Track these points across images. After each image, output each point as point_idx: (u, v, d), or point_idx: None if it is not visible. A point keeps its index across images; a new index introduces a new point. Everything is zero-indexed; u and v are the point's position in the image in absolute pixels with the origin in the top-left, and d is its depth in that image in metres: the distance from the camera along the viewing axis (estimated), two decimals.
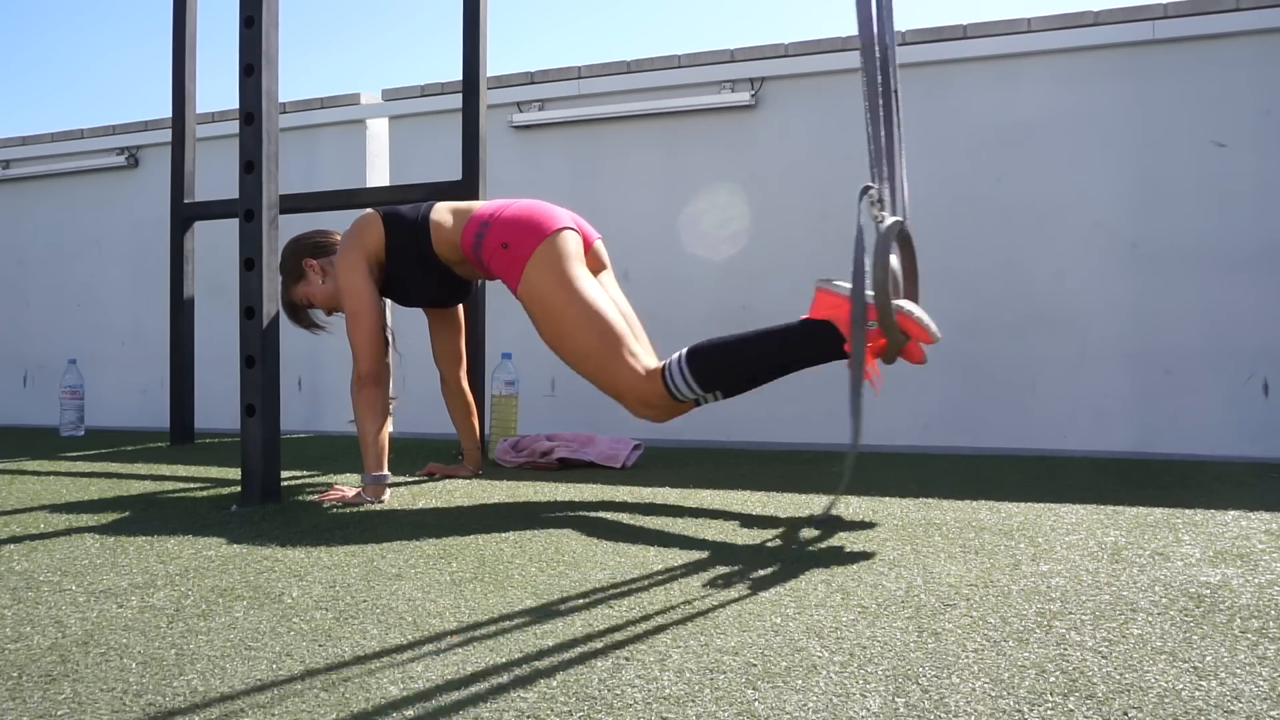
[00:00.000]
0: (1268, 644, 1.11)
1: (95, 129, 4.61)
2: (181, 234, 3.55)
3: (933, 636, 1.16)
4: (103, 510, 2.12)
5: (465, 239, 2.25)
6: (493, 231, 2.21)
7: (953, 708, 0.95)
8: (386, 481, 2.19)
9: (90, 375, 4.31)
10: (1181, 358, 3.01)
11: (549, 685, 1.02)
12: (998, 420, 3.19)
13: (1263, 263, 2.93)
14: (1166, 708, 0.94)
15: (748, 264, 3.46)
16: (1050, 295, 3.13)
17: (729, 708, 0.96)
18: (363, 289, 2.23)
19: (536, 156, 3.78)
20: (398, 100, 4.02)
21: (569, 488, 2.32)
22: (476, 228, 2.23)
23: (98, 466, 2.89)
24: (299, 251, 2.39)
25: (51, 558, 1.65)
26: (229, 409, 3.91)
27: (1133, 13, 3.06)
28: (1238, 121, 2.96)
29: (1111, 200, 3.08)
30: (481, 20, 3.07)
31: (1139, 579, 1.39)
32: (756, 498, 2.14)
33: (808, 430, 3.35)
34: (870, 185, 1.80)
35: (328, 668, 1.09)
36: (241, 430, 2.15)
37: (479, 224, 2.24)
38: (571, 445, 2.77)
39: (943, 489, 2.22)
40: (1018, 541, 1.65)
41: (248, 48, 2.18)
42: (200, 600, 1.38)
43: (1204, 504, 1.95)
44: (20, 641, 1.21)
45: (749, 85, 3.47)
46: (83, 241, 4.65)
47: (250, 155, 2.18)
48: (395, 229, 2.28)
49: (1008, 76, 3.19)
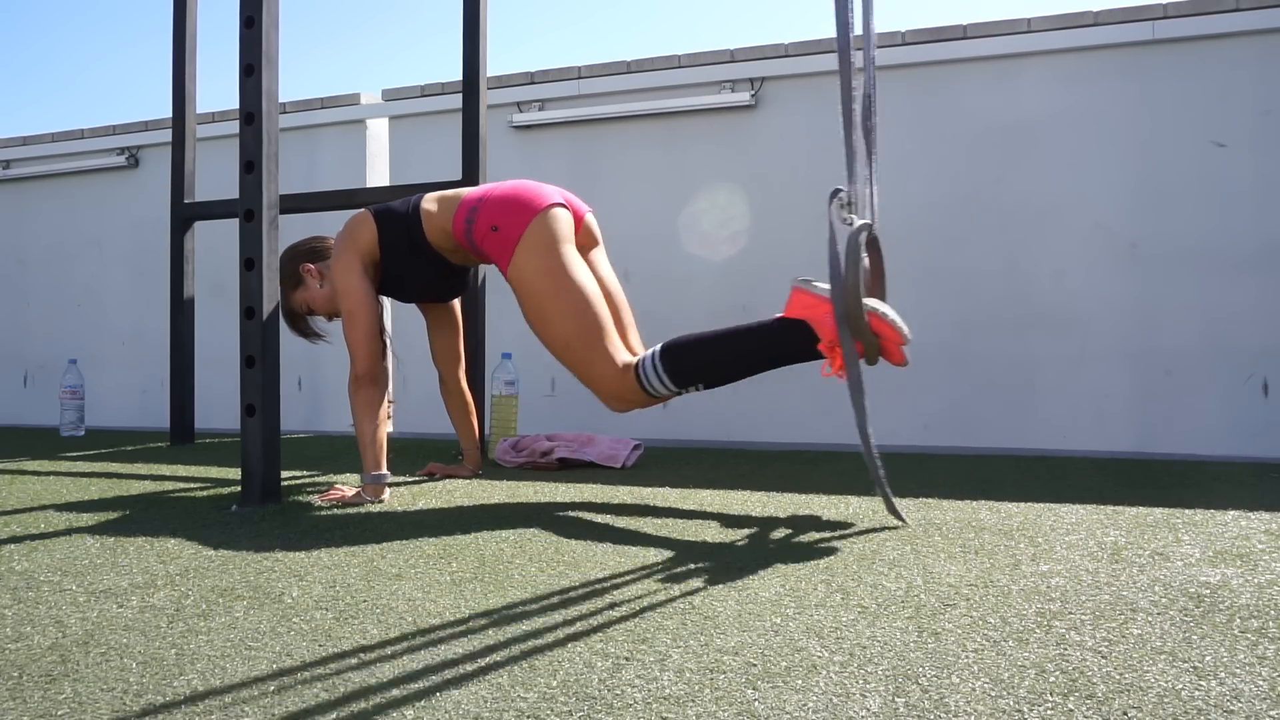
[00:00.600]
0: (1267, 644, 1.11)
1: (95, 129, 4.61)
2: (181, 234, 3.55)
3: (933, 636, 1.16)
4: (103, 510, 2.12)
5: (457, 225, 2.25)
6: (482, 214, 2.21)
7: (953, 708, 0.95)
8: (386, 481, 2.19)
9: (90, 375, 4.32)
10: (1181, 358, 3.01)
11: (549, 685, 1.02)
12: (998, 420, 3.19)
13: (1263, 263, 2.93)
14: (1166, 708, 0.94)
15: (747, 264, 3.46)
16: (1050, 295, 3.13)
17: (729, 708, 0.96)
18: (358, 289, 2.23)
19: (536, 156, 3.78)
20: (398, 100, 4.02)
21: (569, 488, 2.32)
22: (466, 212, 2.24)
23: (98, 466, 2.89)
24: (295, 258, 2.39)
25: (51, 558, 1.65)
26: (229, 409, 3.92)
27: (1133, 13, 3.06)
28: (1238, 121, 2.96)
29: (1111, 200, 3.08)
30: (481, 20, 3.07)
31: (1139, 579, 1.39)
32: (756, 498, 2.14)
33: (808, 430, 3.35)
34: (840, 189, 1.81)
35: (328, 668, 1.09)
36: (241, 430, 2.15)
37: (469, 208, 2.24)
38: (571, 445, 2.77)
39: (943, 489, 2.22)
40: (1018, 541, 1.65)
41: (248, 48, 2.18)
42: (200, 600, 1.38)
43: (1204, 504, 1.95)
44: (20, 641, 1.21)
45: (749, 85, 3.47)
46: (83, 241, 4.65)
47: (250, 155, 2.18)
48: (387, 224, 2.28)
49: (1008, 76, 3.19)
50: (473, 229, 2.22)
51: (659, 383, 2.07)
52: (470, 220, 2.22)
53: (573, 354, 2.14)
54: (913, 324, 3.43)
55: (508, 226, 2.18)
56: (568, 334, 2.13)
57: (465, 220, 2.23)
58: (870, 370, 1.87)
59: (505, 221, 2.18)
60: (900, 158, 3.29)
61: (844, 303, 1.79)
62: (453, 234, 2.26)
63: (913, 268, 3.25)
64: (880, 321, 1.85)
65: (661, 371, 2.06)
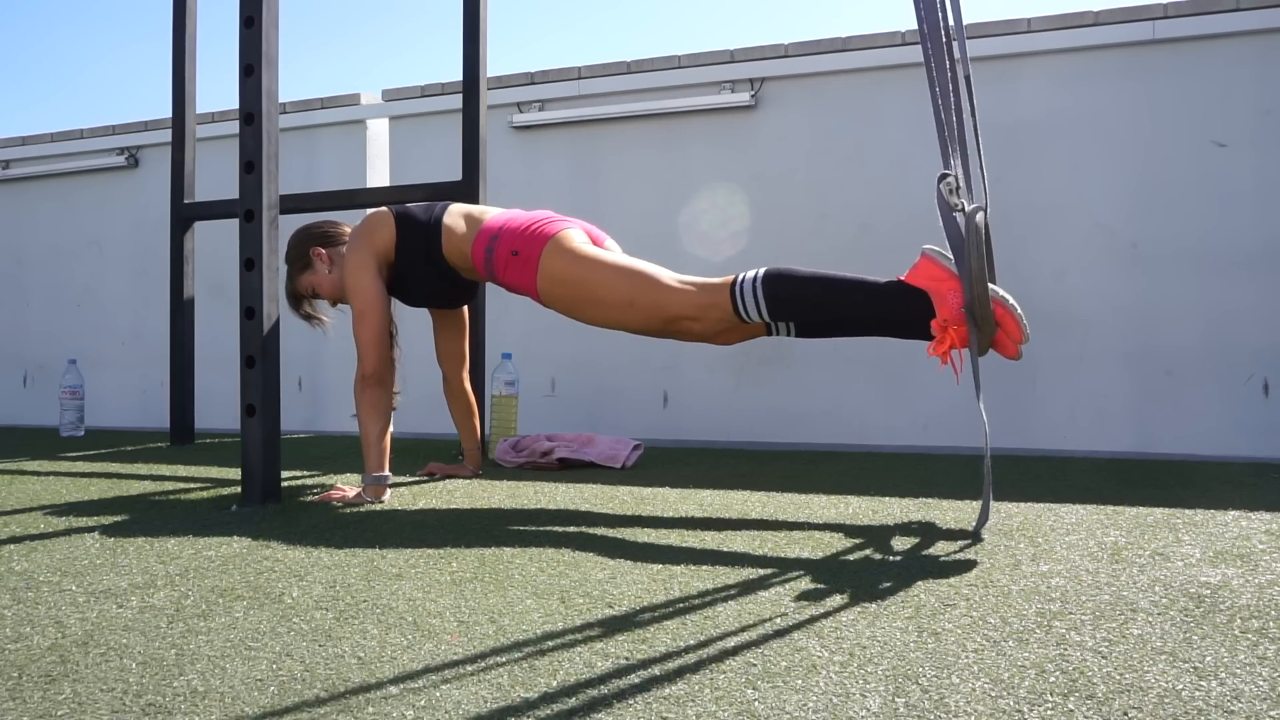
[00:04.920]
0: (1268, 644, 1.11)
1: (95, 129, 4.61)
2: (181, 234, 3.55)
3: (933, 636, 1.16)
4: (103, 510, 2.12)
5: (477, 253, 2.23)
6: (502, 243, 2.19)
7: (953, 708, 0.95)
8: (387, 481, 2.19)
9: (90, 375, 4.32)
10: (1181, 358, 3.01)
11: (549, 685, 1.02)
12: (998, 420, 3.18)
13: (1263, 263, 2.93)
14: (1166, 708, 0.94)
15: (747, 264, 3.44)
16: (1050, 295, 3.13)
17: (729, 708, 0.96)
18: (370, 288, 2.22)
19: (536, 157, 3.78)
20: (398, 100, 4.02)
21: (569, 488, 2.32)
22: (487, 241, 2.21)
23: (98, 466, 2.89)
24: (307, 240, 2.38)
25: (51, 558, 1.65)
26: (229, 409, 3.92)
27: (1133, 13, 3.06)
28: (1238, 121, 2.96)
29: (1111, 200, 3.08)
30: (482, 21, 3.07)
31: (1139, 579, 1.39)
32: (756, 498, 2.14)
33: (808, 430, 3.35)
34: (947, 172, 1.71)
35: (328, 668, 1.09)
36: (241, 430, 2.15)
37: (489, 238, 2.21)
38: (571, 445, 2.77)
39: (943, 489, 2.22)
40: (1018, 541, 1.65)
41: (248, 48, 2.18)
42: (200, 600, 1.38)
43: (1204, 504, 1.95)
44: (20, 641, 1.21)
45: (749, 85, 3.47)
46: (83, 241, 4.65)
47: (250, 155, 2.18)
48: (407, 229, 2.27)
49: (1008, 76, 3.19)
50: (493, 258, 2.20)
51: (754, 304, 1.94)
52: (491, 250, 2.20)
53: (640, 308, 2.03)
54: None
55: (528, 248, 2.16)
56: (626, 293, 2.03)
57: (486, 250, 2.21)
58: (871, 369, 1.87)
59: (525, 245, 2.16)
60: (900, 157, 3.29)
61: (971, 288, 1.70)
62: (472, 259, 2.25)
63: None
64: (1005, 311, 1.75)
65: (760, 293, 1.93)
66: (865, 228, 3.31)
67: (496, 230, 2.22)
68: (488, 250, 2.21)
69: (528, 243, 2.16)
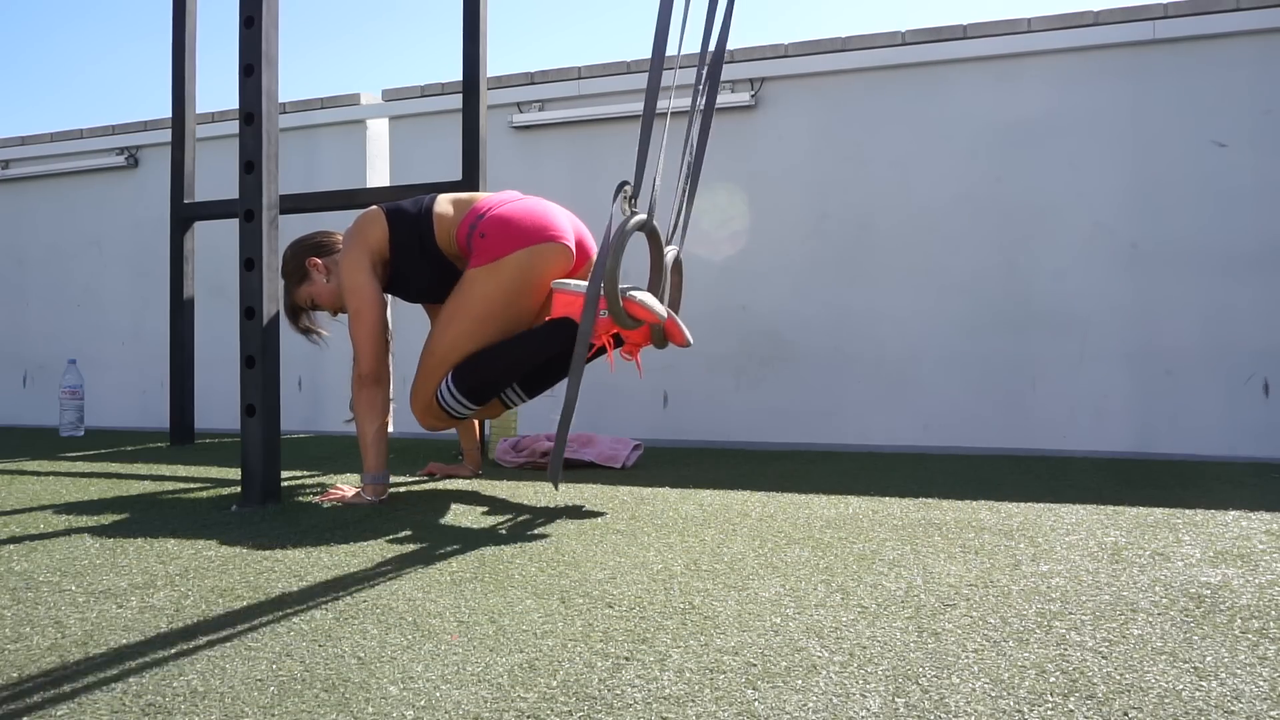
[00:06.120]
0: (1268, 644, 1.11)
1: (95, 129, 4.61)
2: (181, 234, 3.55)
3: (933, 636, 1.16)
4: (103, 510, 2.12)
5: (460, 231, 2.25)
6: (485, 223, 2.22)
7: (953, 708, 0.95)
8: (386, 481, 2.19)
9: (90, 375, 4.32)
10: (1181, 358, 3.01)
11: (549, 685, 1.02)
12: (998, 420, 3.19)
13: (1263, 263, 2.93)
14: (1166, 708, 0.94)
15: (747, 264, 3.46)
16: (1050, 295, 3.13)
17: (729, 708, 0.96)
18: (366, 287, 2.22)
19: (536, 157, 3.78)
20: (398, 100, 4.01)
21: (569, 488, 2.32)
22: (473, 219, 2.25)
23: (98, 466, 2.89)
24: (302, 252, 2.39)
25: (51, 558, 1.65)
26: (229, 409, 3.92)
27: (1133, 13, 3.06)
28: (1238, 121, 2.96)
29: (1111, 200, 3.08)
30: (482, 21, 3.07)
31: (1139, 579, 1.39)
32: (756, 498, 2.14)
33: (808, 430, 3.35)
34: (625, 181, 1.88)
35: (328, 668, 1.09)
36: (241, 430, 2.15)
37: (475, 217, 2.25)
38: (571, 445, 2.77)
39: (943, 489, 2.22)
40: (1018, 541, 1.65)
41: (248, 48, 2.18)
42: (200, 600, 1.38)
43: (1204, 504, 1.95)
44: (20, 641, 1.21)
45: (749, 85, 3.47)
46: (82, 241, 4.65)
47: (250, 155, 2.18)
48: (398, 224, 2.28)
49: (1008, 76, 3.19)
50: (472, 235, 2.23)
51: (456, 403, 2.22)
52: (474, 228, 2.23)
53: (432, 361, 2.23)
54: (913, 324, 3.44)
55: (495, 242, 2.20)
56: (446, 348, 2.22)
57: (469, 228, 2.24)
58: (871, 369, 1.87)
59: (496, 236, 2.20)
60: (900, 158, 3.29)
61: (597, 285, 1.86)
62: (456, 240, 2.26)
63: (913, 268, 3.26)
64: (633, 304, 1.91)
65: (457, 393, 2.21)
66: (865, 228, 3.31)
67: (484, 211, 2.25)
68: (471, 228, 2.24)
69: (501, 237, 2.20)
